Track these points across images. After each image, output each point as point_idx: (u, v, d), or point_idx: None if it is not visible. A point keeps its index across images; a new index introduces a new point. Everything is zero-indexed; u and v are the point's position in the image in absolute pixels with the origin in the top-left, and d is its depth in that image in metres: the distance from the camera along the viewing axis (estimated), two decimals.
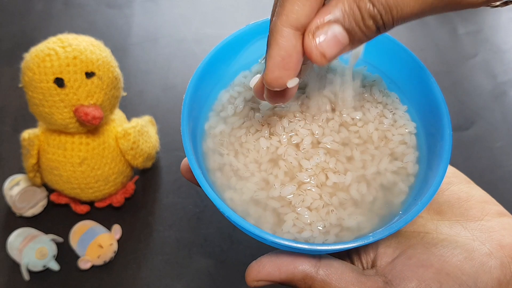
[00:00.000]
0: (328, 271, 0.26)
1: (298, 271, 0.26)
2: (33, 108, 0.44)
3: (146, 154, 0.50)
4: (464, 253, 0.25)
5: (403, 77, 0.31)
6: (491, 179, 0.55)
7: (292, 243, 0.24)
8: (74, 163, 0.46)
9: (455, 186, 0.30)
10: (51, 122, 0.44)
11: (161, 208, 0.52)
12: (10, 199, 0.50)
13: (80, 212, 0.50)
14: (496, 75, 0.65)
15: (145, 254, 0.49)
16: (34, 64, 0.42)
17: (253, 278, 0.27)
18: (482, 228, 0.27)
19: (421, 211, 0.24)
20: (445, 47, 0.67)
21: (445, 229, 0.27)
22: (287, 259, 0.26)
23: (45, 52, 0.42)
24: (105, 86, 0.44)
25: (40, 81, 0.42)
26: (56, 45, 0.42)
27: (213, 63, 0.30)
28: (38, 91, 0.42)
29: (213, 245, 0.50)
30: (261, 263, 0.27)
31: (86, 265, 0.47)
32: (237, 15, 0.71)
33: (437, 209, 0.29)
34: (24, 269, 0.45)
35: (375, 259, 0.27)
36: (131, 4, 0.71)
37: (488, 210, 0.28)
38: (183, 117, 0.27)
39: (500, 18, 0.72)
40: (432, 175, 0.26)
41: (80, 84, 0.42)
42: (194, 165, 0.25)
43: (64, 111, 0.43)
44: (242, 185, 0.28)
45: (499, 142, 0.58)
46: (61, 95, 0.42)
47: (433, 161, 0.27)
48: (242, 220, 0.24)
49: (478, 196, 0.29)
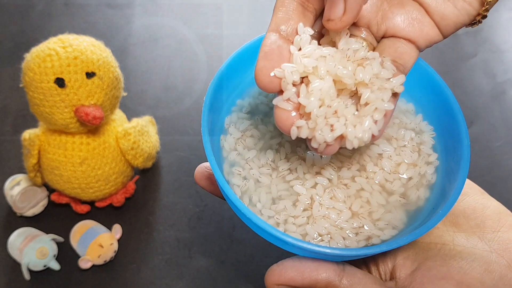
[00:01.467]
0: (352, 281, 0.25)
1: (322, 278, 0.25)
2: (34, 108, 0.44)
3: (146, 154, 0.50)
4: (483, 265, 0.25)
5: (416, 85, 0.31)
6: (490, 178, 0.55)
7: (315, 247, 0.23)
8: (75, 163, 0.46)
9: (470, 198, 0.30)
10: (51, 122, 0.44)
11: (161, 208, 0.52)
12: (11, 199, 0.50)
13: (81, 212, 0.51)
14: (495, 75, 0.65)
15: (145, 253, 0.49)
16: (34, 64, 0.42)
17: (274, 282, 0.26)
18: (499, 240, 0.27)
19: (440, 220, 0.24)
20: (444, 47, 0.67)
21: (462, 240, 0.27)
22: (310, 265, 0.26)
23: (46, 52, 0.42)
24: (105, 86, 0.44)
25: (40, 81, 0.42)
26: (57, 45, 0.43)
27: (235, 66, 0.30)
28: (38, 91, 0.42)
29: (213, 245, 0.50)
30: (283, 267, 0.26)
31: (86, 264, 0.47)
32: (237, 15, 0.71)
33: (453, 221, 0.28)
34: (25, 268, 0.45)
35: (393, 270, 0.27)
36: (131, 4, 0.71)
37: (504, 221, 0.28)
38: (204, 123, 0.27)
39: (500, 18, 0.72)
40: (450, 185, 0.26)
41: (80, 84, 0.42)
42: (219, 174, 0.25)
43: (64, 111, 0.43)
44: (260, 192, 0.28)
45: (498, 142, 0.58)
46: (62, 95, 0.42)
47: (451, 171, 0.27)
48: (267, 225, 0.24)
49: (493, 207, 0.29)
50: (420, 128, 0.30)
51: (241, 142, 0.30)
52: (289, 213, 0.27)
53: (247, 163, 0.29)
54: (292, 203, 0.27)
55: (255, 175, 0.28)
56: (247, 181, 0.28)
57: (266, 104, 0.32)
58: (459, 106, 0.28)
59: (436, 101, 0.30)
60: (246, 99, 0.32)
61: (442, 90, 0.29)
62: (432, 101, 0.30)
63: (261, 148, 0.30)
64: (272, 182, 0.28)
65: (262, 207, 0.27)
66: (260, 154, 0.29)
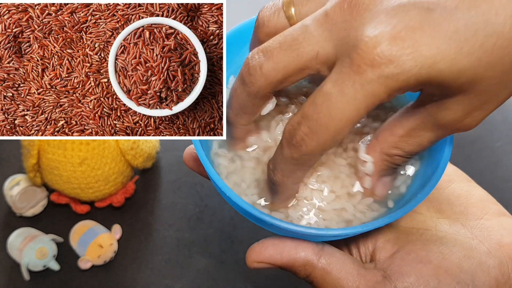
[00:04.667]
0: (330, 260, 0.26)
1: (300, 257, 0.26)
2: None
3: (146, 154, 0.50)
4: (463, 251, 0.26)
5: None
6: (491, 178, 0.55)
7: (292, 226, 0.24)
8: (74, 163, 0.46)
9: (455, 184, 0.30)
10: None
11: (161, 208, 0.52)
12: (11, 199, 0.50)
13: (80, 212, 0.51)
14: None
15: (145, 254, 0.49)
16: None
17: (254, 259, 0.27)
18: (481, 227, 0.27)
19: (418, 204, 0.24)
20: None
21: (445, 226, 0.27)
22: (290, 244, 0.26)
23: None
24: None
25: None
26: None
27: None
28: None
29: (213, 245, 0.50)
30: (263, 245, 0.27)
31: (86, 265, 0.47)
32: (237, 15, 0.71)
33: (437, 207, 0.29)
34: (24, 269, 0.45)
35: (373, 252, 0.27)
36: None
37: (488, 209, 0.28)
38: None
39: None
40: (432, 169, 0.26)
41: None
42: (202, 153, 0.25)
43: None
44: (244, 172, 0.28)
45: (499, 142, 0.58)
46: None
47: (434, 156, 0.27)
48: (241, 200, 0.24)
49: (478, 195, 0.29)
50: None
51: None
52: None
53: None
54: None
55: (241, 156, 0.28)
56: (232, 162, 0.28)
57: None
58: None
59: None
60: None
61: None
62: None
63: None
64: (258, 163, 0.28)
65: (247, 187, 0.27)
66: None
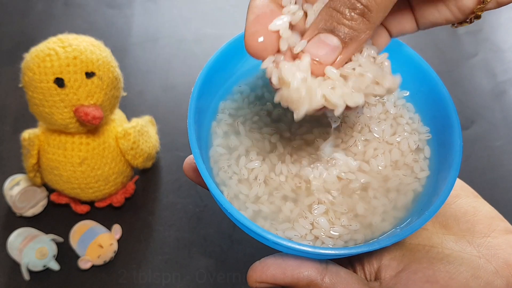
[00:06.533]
0: (334, 280, 0.25)
1: (304, 276, 0.25)
2: (33, 108, 0.44)
3: (146, 154, 0.50)
4: (470, 270, 0.25)
5: (411, 82, 0.30)
6: (491, 178, 0.55)
7: (295, 245, 0.23)
8: (74, 163, 0.46)
9: (462, 200, 0.29)
10: (51, 122, 0.44)
11: (161, 208, 0.52)
12: (10, 199, 0.50)
13: (80, 212, 0.51)
14: (496, 75, 0.65)
15: (145, 254, 0.49)
16: (34, 64, 0.42)
17: (256, 279, 0.26)
18: (488, 245, 0.26)
19: (425, 223, 0.24)
20: (445, 46, 0.67)
21: (451, 244, 0.27)
22: (293, 263, 0.25)
23: (45, 52, 0.42)
24: (105, 86, 0.44)
25: (40, 81, 0.42)
26: (56, 45, 0.42)
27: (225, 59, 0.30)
28: (38, 91, 0.42)
29: (213, 245, 0.50)
30: (265, 264, 0.26)
31: (86, 265, 0.47)
32: (237, 15, 0.71)
33: (443, 223, 0.28)
34: (24, 269, 0.45)
35: (378, 270, 0.27)
36: (131, 4, 0.71)
37: (495, 226, 0.28)
38: (190, 112, 0.26)
39: (500, 18, 0.71)
40: (440, 186, 0.26)
41: (80, 84, 0.42)
42: (200, 163, 0.25)
43: (64, 111, 0.43)
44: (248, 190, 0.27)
45: (499, 141, 0.58)
46: (61, 95, 0.42)
47: (442, 172, 0.27)
48: (247, 220, 0.24)
49: (485, 211, 0.29)
50: (416, 129, 0.30)
51: (233, 127, 0.29)
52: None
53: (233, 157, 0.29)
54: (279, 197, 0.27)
55: (242, 169, 0.28)
56: (233, 175, 0.28)
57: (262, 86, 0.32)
58: (455, 106, 0.28)
59: (431, 99, 0.29)
60: (243, 86, 0.32)
61: (438, 89, 0.28)
62: (427, 99, 0.30)
63: (252, 138, 0.29)
64: (259, 176, 0.27)
65: (246, 200, 0.27)
66: (251, 145, 0.29)
